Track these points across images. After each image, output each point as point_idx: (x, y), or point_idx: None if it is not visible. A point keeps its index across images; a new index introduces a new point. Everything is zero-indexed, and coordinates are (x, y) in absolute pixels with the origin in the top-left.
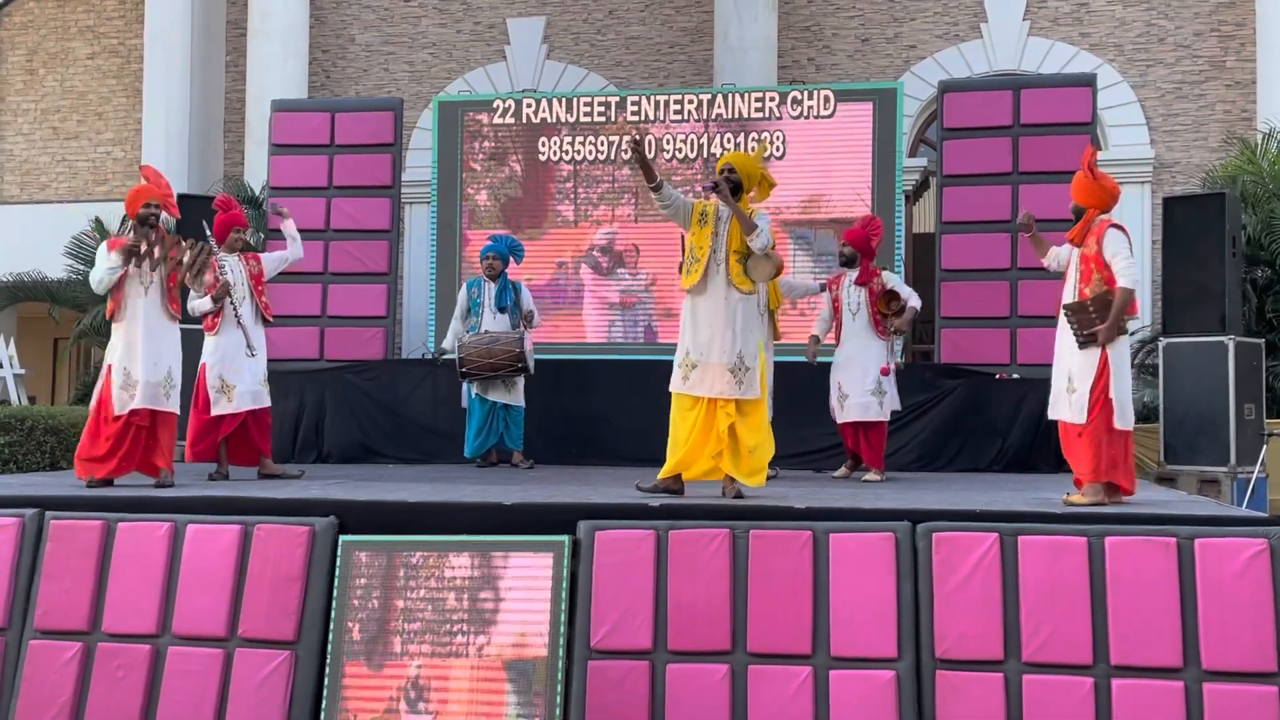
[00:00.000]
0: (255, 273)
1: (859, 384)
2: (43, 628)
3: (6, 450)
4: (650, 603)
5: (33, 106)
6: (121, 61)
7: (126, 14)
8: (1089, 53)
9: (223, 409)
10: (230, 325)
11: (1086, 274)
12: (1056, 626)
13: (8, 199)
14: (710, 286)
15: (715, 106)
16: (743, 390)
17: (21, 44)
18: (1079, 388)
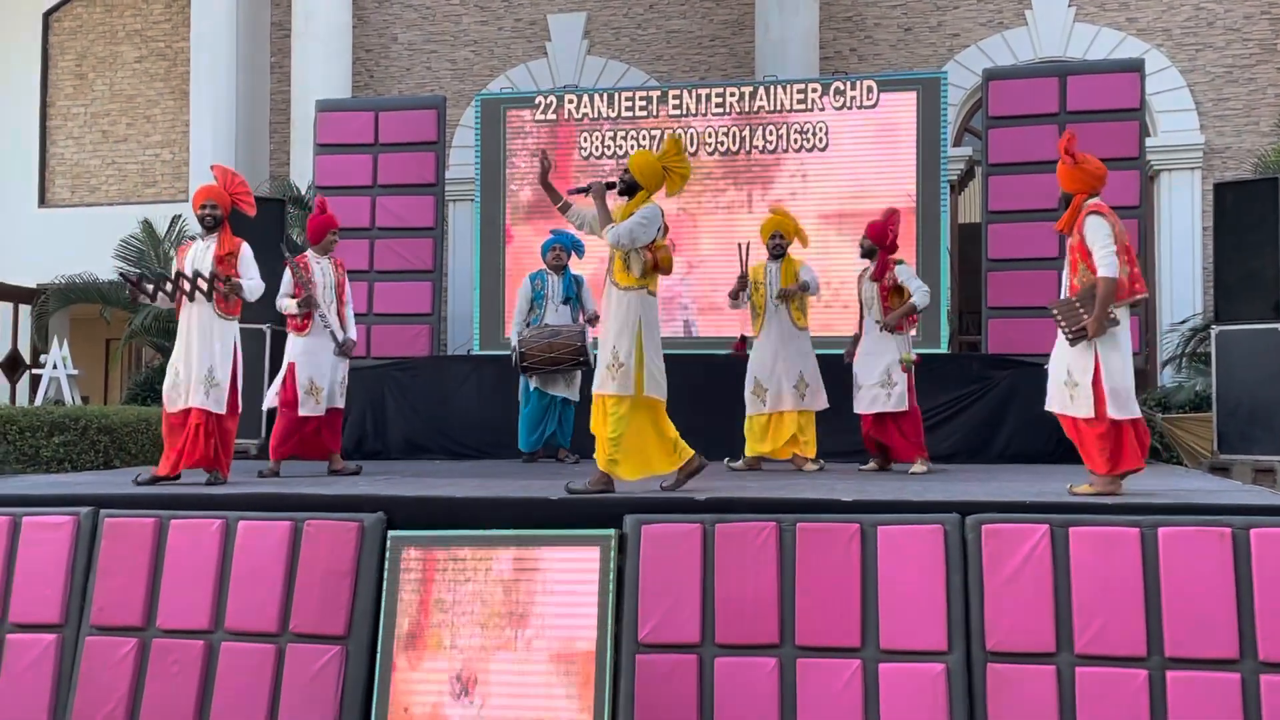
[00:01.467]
0: (340, 279)
1: (869, 376)
2: (99, 624)
3: (61, 450)
4: (697, 596)
5: (82, 110)
6: (169, 65)
7: (173, 17)
8: (1136, 38)
9: (310, 410)
10: (319, 327)
11: (1074, 264)
12: (1109, 618)
13: (59, 202)
14: (606, 288)
15: (757, 99)
16: (617, 387)
17: (71, 49)
18: (1081, 381)
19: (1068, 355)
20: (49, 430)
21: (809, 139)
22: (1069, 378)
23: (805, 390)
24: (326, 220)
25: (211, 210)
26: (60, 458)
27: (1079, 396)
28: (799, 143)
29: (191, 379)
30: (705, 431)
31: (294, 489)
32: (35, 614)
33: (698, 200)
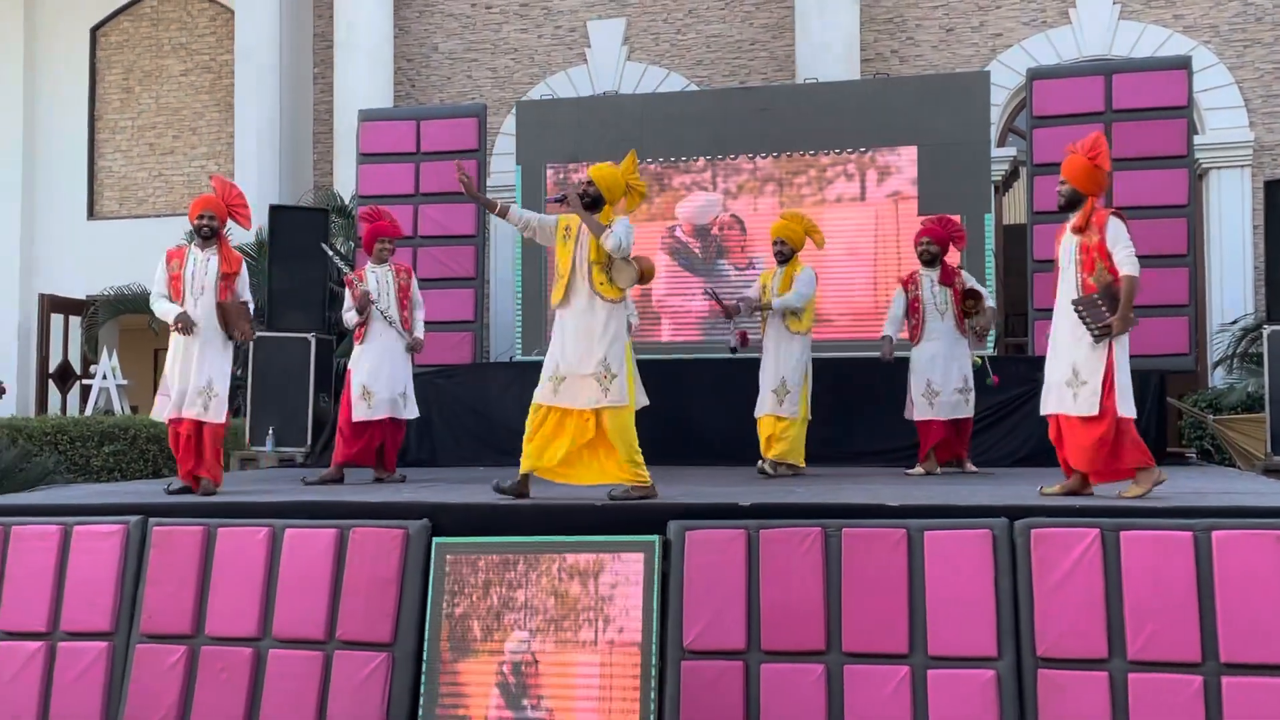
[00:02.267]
0: (403, 284)
1: (950, 382)
2: (148, 632)
3: (111, 459)
4: (743, 602)
5: (129, 124)
6: (214, 77)
7: (217, 30)
8: (1183, 35)
9: (362, 414)
10: (375, 334)
11: (1089, 263)
12: (1162, 623)
13: (107, 214)
14: (574, 300)
15: (798, 102)
16: (610, 398)
17: (117, 63)
18: (1089, 380)
19: (1074, 354)
20: (99, 440)
21: (850, 142)
22: (1074, 377)
23: (784, 396)
24: (373, 229)
25: (209, 221)
26: (110, 467)
27: (1083, 395)
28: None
29: (189, 389)
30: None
31: (339, 496)
32: (86, 622)
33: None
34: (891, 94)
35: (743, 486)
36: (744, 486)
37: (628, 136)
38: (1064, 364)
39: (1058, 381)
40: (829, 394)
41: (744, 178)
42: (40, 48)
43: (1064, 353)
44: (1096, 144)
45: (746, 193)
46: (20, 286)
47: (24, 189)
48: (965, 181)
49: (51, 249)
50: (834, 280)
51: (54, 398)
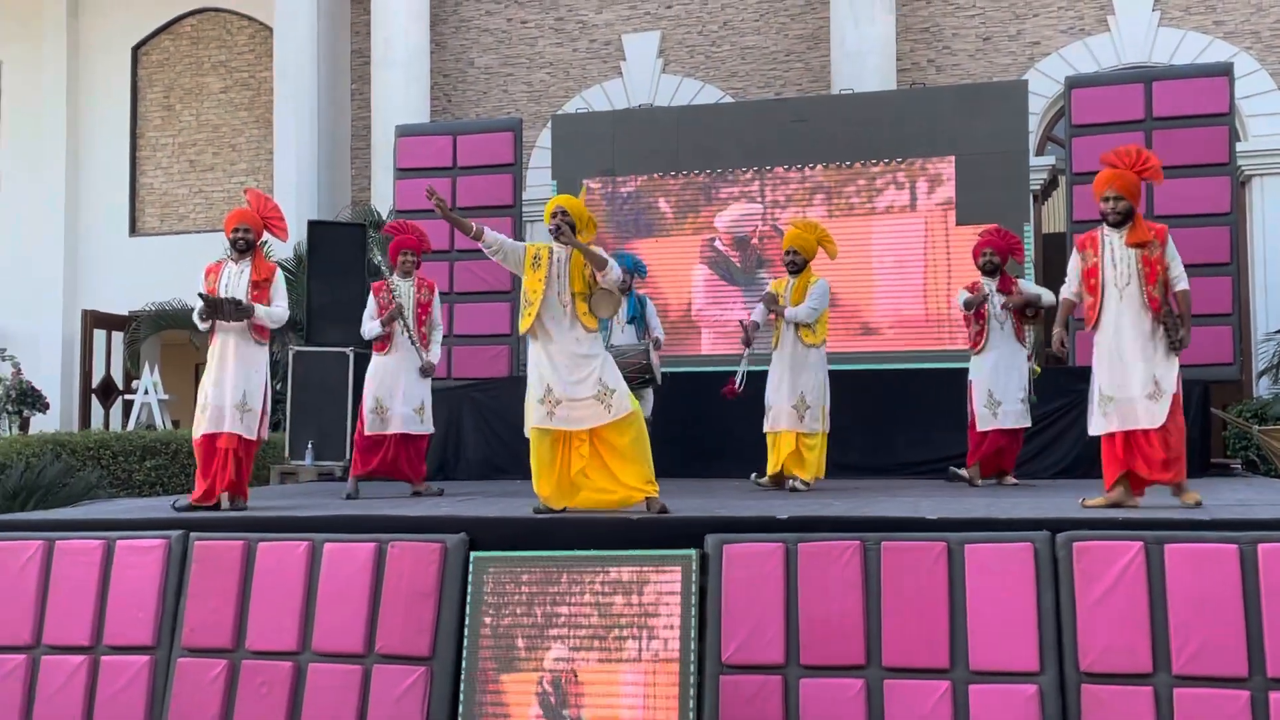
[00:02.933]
0: (424, 300)
1: (1013, 391)
2: (189, 646)
3: (153, 474)
4: (781, 617)
5: (170, 141)
6: (252, 94)
7: (256, 48)
8: (1224, 41)
9: (374, 428)
10: (396, 348)
11: (1152, 275)
12: (1208, 637)
13: (149, 231)
14: (553, 329)
15: (834, 112)
16: (614, 412)
17: (158, 81)
18: (1167, 390)
19: (1153, 367)
20: (141, 454)
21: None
22: (1156, 388)
23: (804, 411)
24: (397, 242)
25: (245, 234)
26: (152, 481)
27: (1162, 405)
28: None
29: (226, 404)
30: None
31: (377, 510)
32: (129, 636)
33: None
34: (928, 104)
35: (780, 500)
36: (781, 500)
37: (663, 149)
38: (1144, 379)
39: (1138, 396)
40: (876, 405)
41: (791, 188)
42: (83, 67)
43: (1140, 366)
44: (1144, 157)
45: (794, 203)
46: (64, 302)
47: (67, 206)
48: (1004, 191)
49: (94, 265)
50: (883, 291)
51: (97, 412)
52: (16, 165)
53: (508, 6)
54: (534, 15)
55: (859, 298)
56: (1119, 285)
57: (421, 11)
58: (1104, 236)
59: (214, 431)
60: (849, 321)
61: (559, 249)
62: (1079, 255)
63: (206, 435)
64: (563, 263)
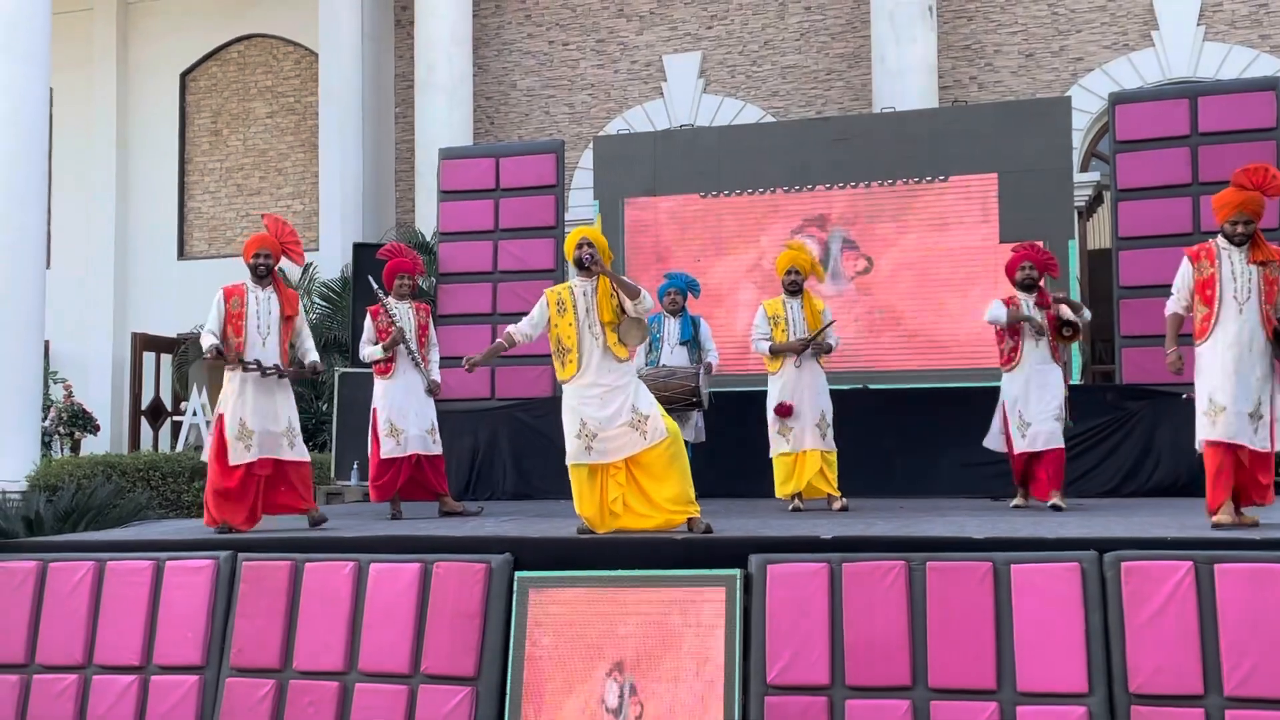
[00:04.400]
0: (422, 323)
1: (1045, 411)
2: (238, 666)
3: (201, 495)
4: (826, 637)
5: (218, 165)
6: (298, 119)
7: (302, 73)
8: (1270, 55)
9: (391, 452)
10: (401, 371)
11: (1271, 294)
12: (1261, 659)
13: (197, 254)
14: (588, 367)
15: (876, 130)
16: (649, 438)
17: (206, 107)
18: (1265, 414)
19: (1264, 388)
20: (190, 476)
21: (929, 170)
22: (1256, 409)
23: (826, 430)
24: (392, 265)
25: (265, 259)
26: (200, 502)
27: (1263, 430)
28: (919, 174)
29: (280, 432)
30: None
31: (423, 530)
32: (178, 656)
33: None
34: (971, 121)
35: (824, 519)
36: (825, 519)
37: (705, 169)
38: (1249, 394)
39: (1240, 412)
40: (917, 425)
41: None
42: (132, 94)
43: (1249, 382)
44: (1270, 175)
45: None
46: (114, 325)
47: (117, 230)
48: (1048, 208)
49: (143, 288)
50: (925, 309)
51: (146, 434)
52: (67, 190)
53: (549, 29)
54: (575, 37)
55: (901, 316)
56: (1239, 299)
57: (464, 35)
58: (1221, 249)
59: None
60: (891, 340)
61: (580, 283)
62: (1192, 267)
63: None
64: (589, 296)
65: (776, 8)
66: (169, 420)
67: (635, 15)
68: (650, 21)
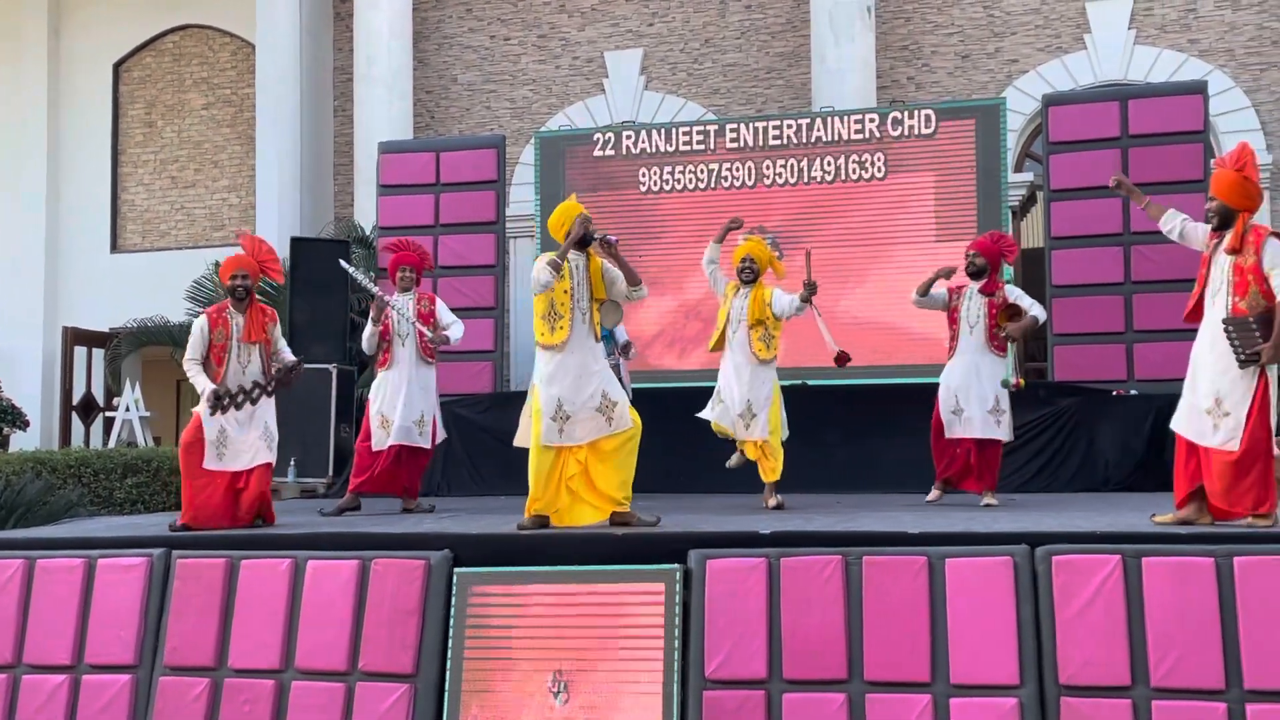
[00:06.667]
0: (424, 312)
1: (978, 401)
2: (171, 665)
3: (134, 491)
4: (764, 631)
5: (152, 157)
6: (235, 111)
7: (238, 65)
8: (1198, 59)
9: (380, 443)
10: (397, 362)
11: (1242, 285)
12: (1185, 650)
13: (130, 247)
14: (573, 339)
15: (815, 130)
16: (614, 426)
17: (140, 98)
18: (1232, 411)
19: (1221, 381)
20: (122, 472)
21: (867, 169)
22: (1217, 406)
23: (750, 420)
24: (395, 259)
25: (243, 280)
26: (133, 499)
27: (1224, 427)
28: (857, 173)
29: (257, 439)
30: None
31: (361, 528)
32: (110, 655)
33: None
34: (908, 121)
35: (762, 515)
36: (764, 515)
37: (647, 166)
38: (1206, 389)
39: (1197, 407)
40: (856, 421)
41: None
42: (64, 84)
43: (1207, 377)
44: (1243, 154)
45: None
46: (44, 319)
47: (48, 223)
48: (983, 207)
49: (75, 282)
50: (862, 306)
51: (77, 430)
52: None
53: (490, 24)
54: (517, 32)
55: (837, 313)
56: (1212, 290)
57: (404, 29)
58: (1215, 240)
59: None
60: None
61: (575, 256)
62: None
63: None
64: (581, 270)
65: (717, 6)
66: (101, 416)
67: (577, 11)
68: (592, 17)
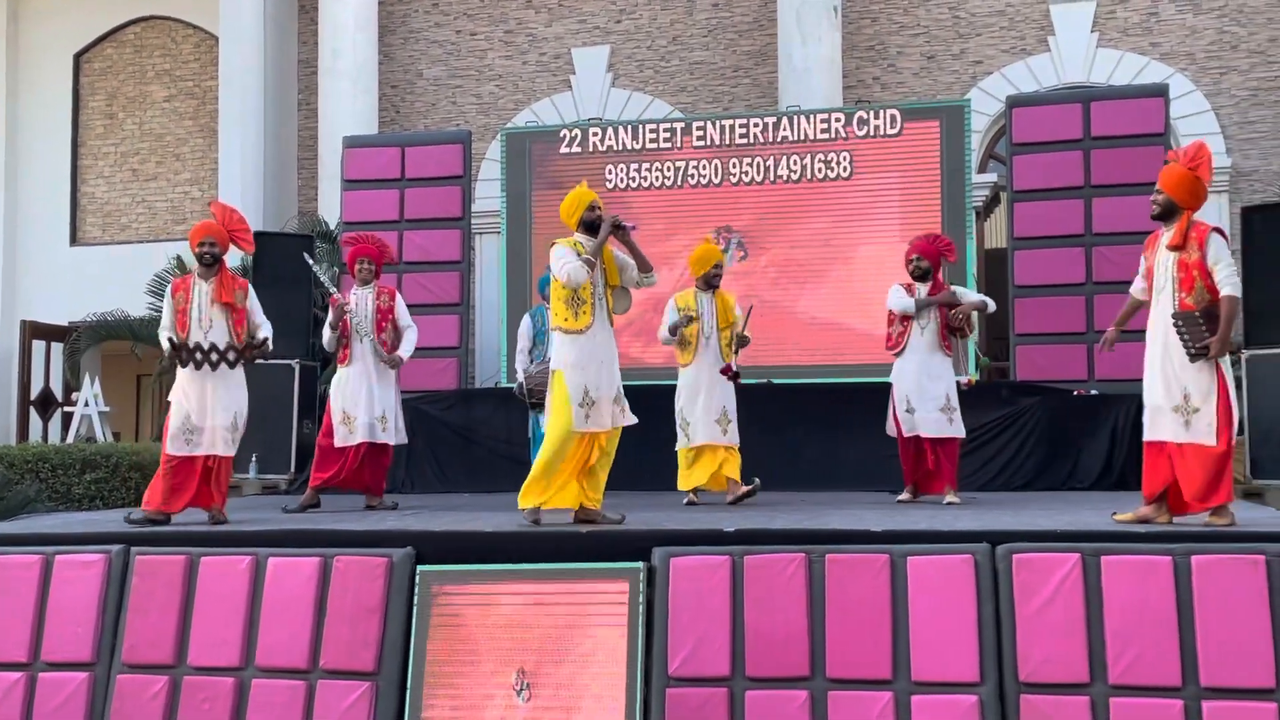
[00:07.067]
0: (383, 308)
1: (929, 400)
2: (130, 662)
3: (93, 487)
4: (727, 629)
5: (113, 150)
6: (197, 103)
7: (201, 57)
8: (1160, 62)
9: (343, 440)
10: (357, 357)
11: (1187, 281)
12: (1143, 648)
13: (90, 240)
14: (597, 325)
15: (780, 129)
16: (625, 417)
17: (101, 89)
18: (1202, 407)
19: (1183, 378)
20: (81, 468)
21: (833, 168)
22: (1185, 403)
23: (727, 425)
24: (354, 251)
25: (210, 248)
26: (92, 495)
27: (1198, 422)
28: (823, 172)
29: (217, 426)
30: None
31: (323, 524)
32: (67, 652)
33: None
34: (874, 121)
35: (726, 513)
36: (727, 513)
37: (613, 163)
38: (1172, 387)
39: (1163, 406)
40: (821, 419)
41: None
42: (23, 74)
43: (1168, 375)
44: (1199, 153)
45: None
46: (2, 313)
47: (6, 215)
48: (946, 207)
49: (34, 275)
50: (828, 305)
51: (35, 425)
52: None
53: (457, 19)
54: (483, 28)
55: (803, 312)
56: (1159, 289)
57: (369, 22)
58: (1162, 236)
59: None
60: (795, 336)
61: (589, 242)
62: (1143, 256)
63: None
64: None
65: (685, 4)
66: (59, 411)
67: (544, 7)
68: (559, 14)
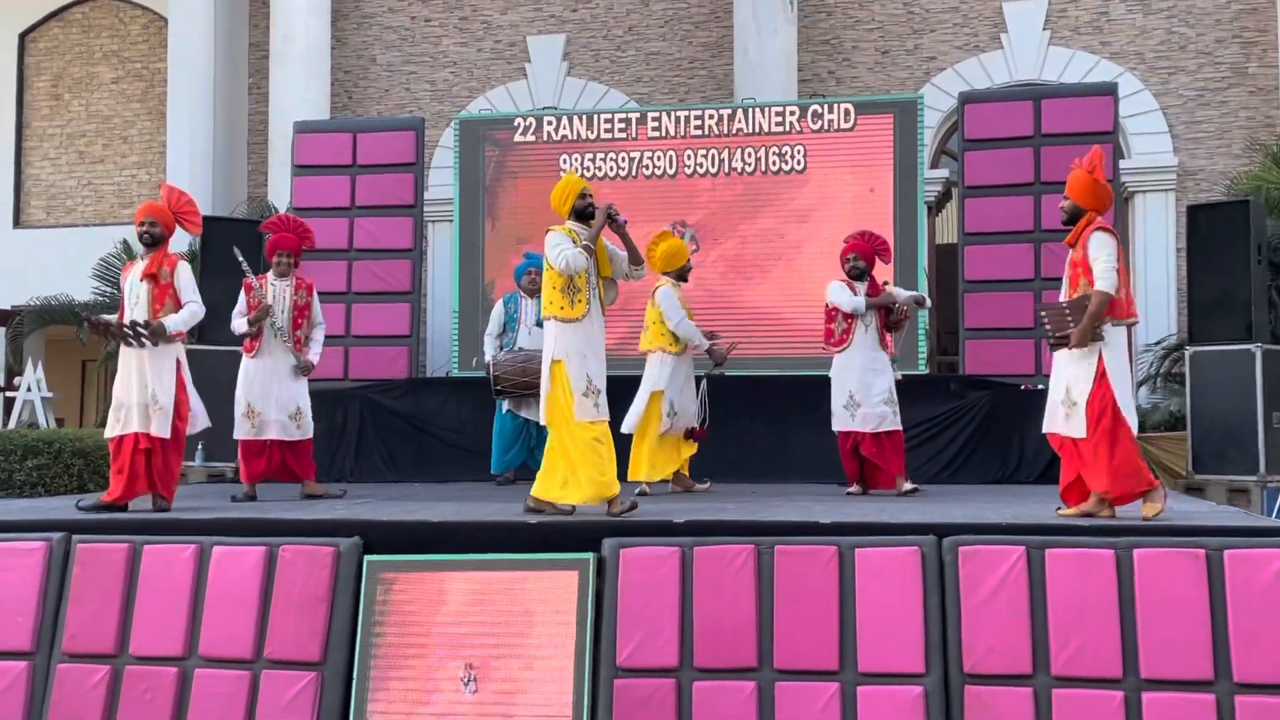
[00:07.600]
0: (301, 302)
1: (874, 394)
2: (70, 651)
3: (35, 474)
4: (676, 620)
5: (58, 131)
6: (145, 85)
7: (150, 38)
8: (1110, 61)
9: (244, 433)
10: (266, 350)
11: (1075, 279)
12: (1085, 640)
13: (34, 223)
14: (593, 313)
15: (736, 121)
16: (602, 411)
17: (47, 69)
18: (1079, 400)
19: (1067, 374)
20: (22, 454)
21: (787, 162)
22: (1066, 396)
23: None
24: (273, 242)
25: (150, 227)
26: (34, 482)
27: (1074, 416)
28: (777, 165)
29: (134, 404)
30: None
31: (269, 513)
32: (6, 641)
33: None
34: (828, 115)
35: (676, 504)
36: (678, 504)
37: (569, 152)
38: (1060, 384)
39: (1054, 400)
40: (771, 411)
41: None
42: None
43: (1062, 372)
44: (1094, 158)
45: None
46: None
47: None
48: (898, 202)
49: None
50: (778, 299)
51: None
52: None
53: (411, 4)
54: (438, 14)
55: (754, 305)
56: (1063, 288)
57: (322, 6)
58: None
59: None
60: (748, 328)
61: (584, 231)
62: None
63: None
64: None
65: None
66: (1, 396)
67: None
68: (514, 1)
